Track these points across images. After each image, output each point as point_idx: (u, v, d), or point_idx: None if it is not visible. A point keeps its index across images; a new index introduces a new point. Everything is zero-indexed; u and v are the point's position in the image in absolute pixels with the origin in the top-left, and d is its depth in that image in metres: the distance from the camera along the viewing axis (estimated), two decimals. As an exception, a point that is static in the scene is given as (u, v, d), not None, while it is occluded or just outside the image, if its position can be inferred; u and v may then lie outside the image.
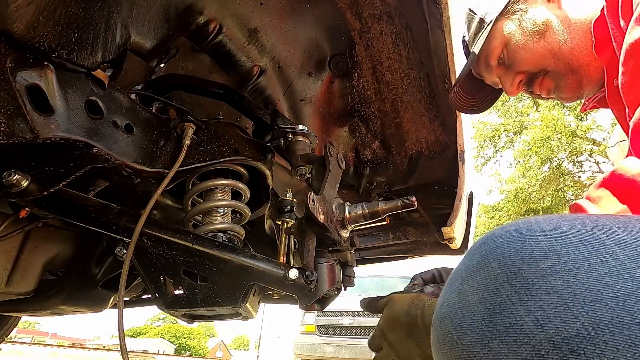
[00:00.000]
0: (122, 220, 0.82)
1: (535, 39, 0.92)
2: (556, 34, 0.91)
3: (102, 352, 9.62)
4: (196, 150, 0.85)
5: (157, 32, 0.85)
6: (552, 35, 0.91)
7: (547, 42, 0.91)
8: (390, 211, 1.03)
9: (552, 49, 0.91)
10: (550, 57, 0.92)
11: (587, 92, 0.95)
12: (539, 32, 0.92)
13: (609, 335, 0.28)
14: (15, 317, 1.97)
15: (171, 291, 0.83)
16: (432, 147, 1.51)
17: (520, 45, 0.94)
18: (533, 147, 13.02)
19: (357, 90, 1.33)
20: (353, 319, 5.94)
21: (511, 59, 0.97)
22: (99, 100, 0.71)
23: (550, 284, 0.32)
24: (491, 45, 0.99)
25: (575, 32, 0.89)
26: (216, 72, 1.08)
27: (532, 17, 0.93)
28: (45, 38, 0.61)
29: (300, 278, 0.78)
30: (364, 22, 1.13)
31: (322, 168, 0.98)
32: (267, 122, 1.05)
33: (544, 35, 0.92)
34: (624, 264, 0.31)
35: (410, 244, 1.92)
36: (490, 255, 0.38)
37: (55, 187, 0.71)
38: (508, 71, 1.01)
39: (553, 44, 0.91)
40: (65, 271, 1.16)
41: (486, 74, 1.07)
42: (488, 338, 0.34)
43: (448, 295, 0.42)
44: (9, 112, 0.58)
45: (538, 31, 0.92)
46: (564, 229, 0.36)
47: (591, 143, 13.21)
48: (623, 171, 0.55)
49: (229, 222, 0.90)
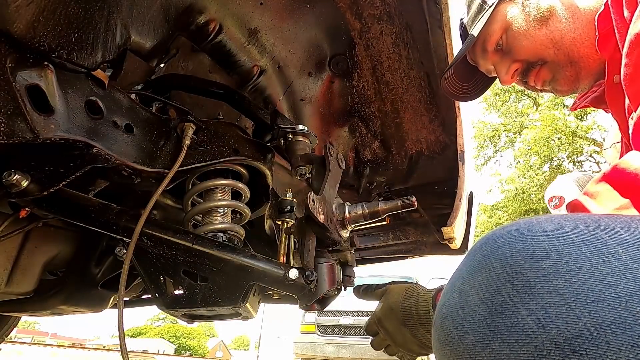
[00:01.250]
0: (122, 220, 0.82)
1: (538, 26, 0.88)
2: (559, 21, 0.86)
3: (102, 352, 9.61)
4: (196, 150, 0.85)
5: (157, 32, 0.84)
6: (556, 23, 0.87)
7: (549, 30, 0.87)
8: (390, 211, 1.03)
9: (553, 38, 0.87)
10: (551, 46, 0.88)
11: (582, 87, 0.91)
12: (542, 18, 0.88)
13: (612, 336, 0.28)
14: (15, 317, 1.97)
15: (171, 291, 0.82)
16: (432, 147, 1.50)
17: (522, 32, 0.90)
18: (533, 147, 13.03)
19: (357, 90, 1.33)
20: (353, 319, 5.95)
21: (510, 45, 0.93)
22: (99, 100, 0.71)
23: (552, 284, 0.32)
24: (490, 29, 0.94)
25: (579, 22, 0.85)
26: (216, 72, 1.08)
27: (536, 2, 0.89)
28: (46, 38, 0.60)
29: (300, 278, 0.78)
30: (364, 22, 1.13)
31: (322, 168, 0.98)
32: (267, 122, 1.05)
33: (547, 23, 0.87)
34: (626, 264, 0.31)
35: (410, 244, 1.92)
36: (492, 255, 0.38)
37: (55, 187, 0.71)
38: (504, 58, 0.96)
39: (555, 33, 0.87)
40: (65, 271, 1.16)
41: (481, 60, 1.03)
42: (489, 338, 0.34)
43: (449, 295, 0.42)
44: (9, 112, 0.58)
45: (541, 18, 0.88)
46: (565, 229, 0.36)
47: (591, 143, 13.22)
48: (625, 165, 0.55)
49: (229, 222, 0.90)
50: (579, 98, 0.98)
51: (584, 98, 0.96)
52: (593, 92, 0.93)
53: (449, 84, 1.11)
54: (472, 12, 1.00)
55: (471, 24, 1.00)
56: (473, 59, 1.06)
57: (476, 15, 0.97)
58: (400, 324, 0.79)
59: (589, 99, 0.94)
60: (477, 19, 0.96)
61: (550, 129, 12.45)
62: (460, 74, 1.10)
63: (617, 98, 0.79)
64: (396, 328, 0.80)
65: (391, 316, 0.80)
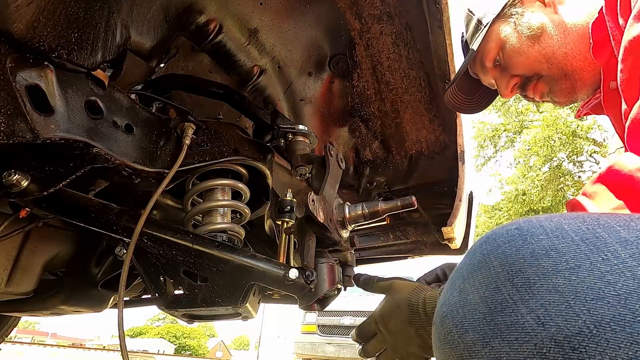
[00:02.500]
0: (122, 220, 0.82)
1: (530, 44, 0.93)
2: (551, 38, 0.91)
3: (102, 352, 9.61)
4: (196, 150, 0.85)
5: (157, 32, 0.84)
6: (547, 39, 0.91)
7: (541, 47, 0.92)
8: (390, 211, 1.03)
9: (546, 54, 0.92)
10: (544, 61, 0.92)
11: (581, 96, 0.95)
12: (534, 36, 0.92)
13: (611, 333, 0.28)
14: (15, 317, 1.97)
15: (171, 291, 0.82)
16: (432, 147, 1.51)
17: (515, 49, 0.95)
18: (533, 147, 13.03)
19: (357, 90, 1.33)
20: (354, 319, 5.95)
21: (507, 61, 0.98)
22: (99, 100, 0.71)
23: (551, 282, 0.32)
24: (487, 47, 1.00)
25: (570, 37, 0.90)
26: (216, 72, 1.08)
27: (527, 21, 0.94)
28: (45, 38, 0.60)
29: (300, 278, 0.78)
30: (364, 22, 1.13)
31: (322, 168, 0.98)
32: (267, 122, 1.05)
33: (539, 40, 0.92)
34: (625, 261, 0.31)
35: (410, 244, 1.92)
36: (492, 254, 0.38)
37: (55, 187, 0.71)
38: (503, 73, 1.01)
39: (547, 49, 0.91)
40: (65, 271, 1.16)
41: (482, 75, 1.08)
42: (489, 337, 0.34)
43: (449, 294, 0.42)
44: (9, 112, 0.58)
45: (533, 35, 0.92)
46: (565, 228, 0.36)
47: (592, 143, 13.22)
48: (620, 167, 0.55)
49: (229, 222, 0.90)
50: (582, 105, 1.01)
51: (587, 105, 0.99)
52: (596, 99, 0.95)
53: (453, 97, 1.15)
54: (470, 31, 1.05)
55: (470, 42, 1.05)
56: (475, 73, 1.10)
57: (473, 34, 1.03)
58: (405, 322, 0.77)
59: (591, 106, 0.97)
60: (475, 37, 1.01)
61: (550, 129, 12.46)
62: (464, 88, 1.14)
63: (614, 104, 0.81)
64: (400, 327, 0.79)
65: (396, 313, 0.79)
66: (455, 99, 1.15)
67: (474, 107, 1.19)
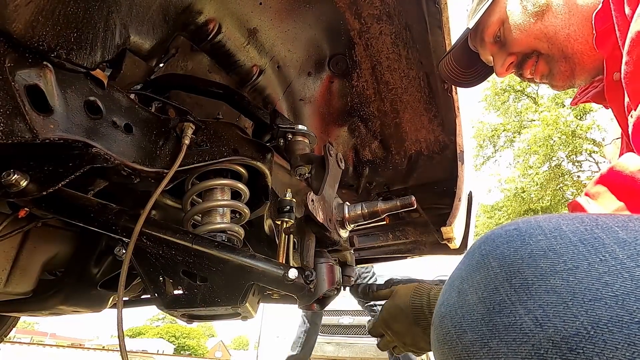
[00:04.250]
0: (122, 220, 0.82)
1: (533, 20, 0.89)
2: (555, 17, 0.87)
3: (101, 352, 9.60)
4: (195, 150, 0.85)
5: (156, 31, 0.84)
6: (551, 18, 0.88)
7: (544, 24, 0.88)
8: (390, 211, 1.03)
9: (547, 33, 0.88)
10: (545, 40, 0.89)
11: (578, 82, 0.92)
12: (538, 12, 0.89)
13: (608, 334, 0.28)
14: (14, 317, 1.97)
15: (170, 291, 0.82)
16: (431, 147, 1.51)
17: (517, 25, 0.91)
18: (533, 147, 13.04)
19: (357, 90, 1.33)
20: (353, 318, 5.95)
21: (506, 37, 0.95)
22: (98, 100, 0.71)
23: (549, 283, 0.32)
24: (489, 20, 0.96)
25: (575, 18, 0.86)
26: (215, 72, 1.08)
27: None
28: (44, 38, 0.60)
29: (299, 278, 0.78)
30: (364, 22, 1.13)
31: (322, 168, 0.98)
32: (267, 122, 1.05)
33: (543, 17, 0.88)
34: (623, 263, 0.31)
35: (410, 244, 1.92)
36: (490, 254, 0.38)
37: (54, 187, 0.71)
38: (501, 50, 0.98)
39: (550, 28, 0.88)
40: (65, 271, 1.16)
41: (481, 49, 1.05)
42: (487, 337, 0.34)
43: (448, 295, 0.42)
44: (8, 112, 0.58)
45: (537, 12, 0.89)
46: (563, 228, 0.36)
47: (591, 143, 13.23)
48: (621, 168, 0.55)
49: (228, 222, 0.90)
50: (579, 93, 0.99)
51: (585, 93, 0.96)
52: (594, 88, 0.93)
53: (448, 69, 1.12)
54: (475, 2, 1.01)
55: (472, 14, 1.02)
56: (474, 46, 1.07)
57: (477, 5, 0.99)
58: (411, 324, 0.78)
59: (590, 94, 0.95)
60: (478, 9, 0.98)
61: (550, 128, 12.45)
62: (461, 60, 1.11)
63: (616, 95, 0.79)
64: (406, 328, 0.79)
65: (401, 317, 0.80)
66: (451, 70, 1.12)
67: (467, 80, 1.16)
